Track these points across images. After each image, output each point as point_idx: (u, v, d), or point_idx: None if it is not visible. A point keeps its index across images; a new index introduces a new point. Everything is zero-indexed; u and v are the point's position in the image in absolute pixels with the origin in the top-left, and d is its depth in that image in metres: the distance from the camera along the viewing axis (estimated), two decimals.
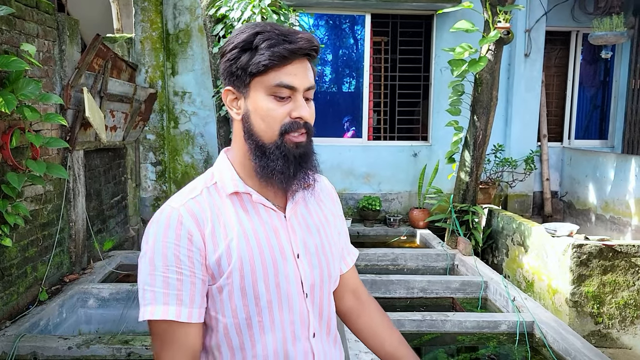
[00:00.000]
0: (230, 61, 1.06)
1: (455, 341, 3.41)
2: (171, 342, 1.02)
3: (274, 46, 1.02)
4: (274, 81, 1.04)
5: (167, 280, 1.00)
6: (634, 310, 4.08)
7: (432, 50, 6.63)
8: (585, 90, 7.26)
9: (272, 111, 1.05)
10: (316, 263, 1.15)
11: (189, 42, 6.17)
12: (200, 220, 1.04)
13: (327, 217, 1.23)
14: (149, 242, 1.03)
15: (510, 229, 5.10)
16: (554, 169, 6.98)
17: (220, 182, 1.11)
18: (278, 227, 1.11)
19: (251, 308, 1.05)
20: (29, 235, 3.65)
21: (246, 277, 1.04)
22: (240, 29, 1.07)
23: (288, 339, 1.09)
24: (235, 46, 1.05)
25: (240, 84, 1.07)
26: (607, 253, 4.02)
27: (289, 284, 1.09)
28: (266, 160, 1.06)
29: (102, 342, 3.02)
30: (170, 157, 6.29)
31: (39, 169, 3.11)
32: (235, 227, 1.06)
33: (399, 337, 1.33)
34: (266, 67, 1.03)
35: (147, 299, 1.01)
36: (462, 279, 4.35)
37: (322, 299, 1.17)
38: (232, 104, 1.10)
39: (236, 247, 1.05)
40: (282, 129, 1.05)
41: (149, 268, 1.01)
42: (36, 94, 3.13)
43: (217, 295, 1.05)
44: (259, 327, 1.07)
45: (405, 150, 6.69)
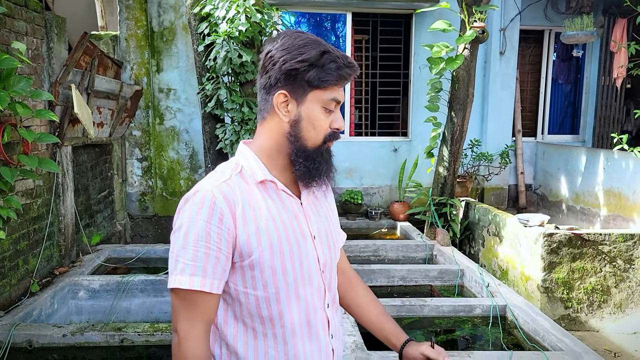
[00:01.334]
0: (297, 71, 1.19)
1: (432, 324, 3.60)
2: (192, 308, 1.15)
3: (339, 69, 1.19)
4: (330, 96, 1.21)
5: (196, 254, 1.14)
6: (600, 295, 4.32)
7: (411, 48, 6.82)
8: (558, 87, 7.53)
9: (322, 121, 1.22)
10: (326, 244, 1.32)
11: (173, 40, 6.26)
12: (232, 201, 1.17)
13: (331, 206, 1.42)
14: (184, 218, 1.16)
15: (486, 221, 5.32)
16: (528, 163, 7.24)
17: (248, 170, 1.24)
18: (297, 213, 1.27)
19: (280, 284, 1.20)
20: (20, 228, 3.74)
21: (275, 256, 1.19)
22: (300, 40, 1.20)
23: (310, 309, 1.26)
24: (304, 60, 1.18)
25: (299, 92, 1.21)
26: (576, 241, 4.25)
27: (309, 262, 1.25)
28: (313, 163, 1.23)
29: (95, 330, 3.14)
30: (156, 153, 6.38)
31: (31, 164, 3.21)
32: (263, 211, 1.20)
33: (382, 309, 1.50)
34: (330, 84, 1.20)
35: (177, 269, 1.15)
36: (440, 267, 4.55)
37: (331, 276, 1.34)
38: (281, 106, 1.22)
39: (265, 229, 1.19)
40: (326, 137, 1.24)
41: (182, 241, 1.15)
42: (27, 91, 3.22)
43: (249, 271, 1.19)
44: (287, 300, 1.22)
45: (386, 146, 6.88)
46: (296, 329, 1.23)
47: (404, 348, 1.43)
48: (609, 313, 4.35)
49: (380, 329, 1.48)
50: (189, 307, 1.16)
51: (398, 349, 1.44)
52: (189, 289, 1.13)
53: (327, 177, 1.27)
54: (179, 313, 1.16)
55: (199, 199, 1.16)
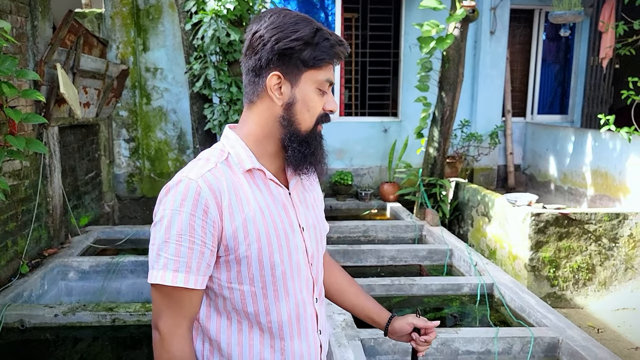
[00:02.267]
0: (292, 50, 1.11)
1: (421, 303, 3.65)
2: (175, 305, 1.10)
3: (333, 47, 1.14)
4: (324, 76, 1.15)
5: (179, 249, 1.06)
6: (586, 273, 4.41)
7: (401, 27, 6.78)
8: (547, 67, 7.55)
9: (316, 103, 1.16)
10: (313, 235, 1.27)
11: (159, 18, 6.16)
12: (218, 192, 1.09)
13: (318, 196, 1.37)
14: (166, 209, 1.08)
15: (475, 201, 5.37)
16: (518, 143, 7.28)
17: (235, 157, 1.17)
18: (286, 203, 1.21)
19: (267, 278, 1.14)
20: (8, 210, 3.71)
21: (264, 250, 1.13)
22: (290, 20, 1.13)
23: (300, 304, 1.21)
24: (299, 37, 1.11)
25: (292, 72, 1.13)
26: (562, 221, 4.31)
27: (298, 255, 1.20)
28: (308, 148, 1.18)
29: (87, 310, 3.15)
30: (144, 133, 6.33)
31: (19, 144, 3.16)
32: (251, 202, 1.14)
33: (361, 290, 1.50)
34: (324, 62, 1.14)
35: (160, 263, 1.07)
36: (429, 247, 4.59)
37: (318, 268, 1.30)
38: (276, 89, 1.15)
39: (253, 221, 1.12)
40: (318, 119, 1.18)
41: (164, 235, 1.07)
42: (13, 70, 3.16)
43: (235, 266, 1.13)
44: (274, 294, 1.16)
45: (376, 126, 6.88)
46: (284, 325, 1.19)
47: (389, 324, 1.43)
48: (593, 290, 4.44)
49: (362, 310, 1.48)
50: (172, 303, 1.10)
51: (383, 326, 1.45)
52: (172, 285, 1.07)
53: (322, 162, 1.22)
54: (162, 310, 1.10)
55: (182, 189, 1.08)
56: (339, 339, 2.72)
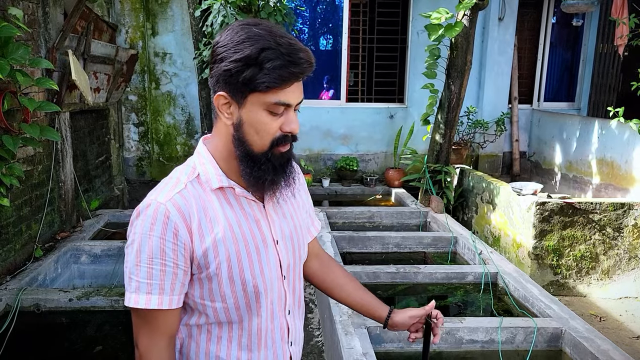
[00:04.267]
0: (231, 72, 1.06)
1: (426, 291, 3.72)
2: (152, 326, 1.12)
3: (279, 68, 1.04)
4: (273, 99, 1.07)
5: (151, 272, 1.08)
6: (589, 262, 4.46)
7: (409, 12, 6.74)
8: (555, 54, 7.51)
9: (266, 125, 1.09)
10: (290, 246, 1.26)
11: (168, 3, 6.16)
12: (187, 215, 1.10)
13: (297, 202, 1.33)
14: (137, 234, 1.09)
15: (480, 188, 5.41)
16: (523, 130, 7.29)
17: (204, 176, 1.15)
18: (259, 218, 1.20)
19: (239, 294, 1.15)
20: (22, 195, 3.79)
21: (234, 267, 1.13)
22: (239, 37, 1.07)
23: (268, 317, 1.22)
24: (239, 59, 1.05)
25: (237, 94, 1.08)
26: (567, 210, 4.35)
27: (270, 270, 1.20)
28: (257, 170, 1.12)
29: (100, 294, 3.24)
30: (152, 118, 6.37)
31: (33, 132, 3.23)
32: (221, 220, 1.13)
33: (360, 286, 1.52)
34: (268, 88, 1.06)
35: (132, 287, 1.09)
36: (434, 234, 4.65)
37: (294, 278, 1.30)
38: (223, 108, 1.12)
39: (222, 239, 1.12)
40: (273, 142, 1.11)
41: (135, 259, 1.08)
42: (26, 59, 3.21)
43: (206, 283, 1.14)
44: (247, 309, 1.18)
45: (382, 112, 6.90)
46: (253, 337, 1.21)
47: (388, 318, 1.46)
48: (596, 279, 4.50)
49: (361, 305, 1.50)
50: (148, 324, 1.12)
51: (383, 319, 1.47)
52: (145, 308, 1.09)
53: (276, 185, 1.15)
54: (139, 329, 1.13)
55: (151, 213, 1.08)
56: (346, 327, 2.79)
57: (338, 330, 2.77)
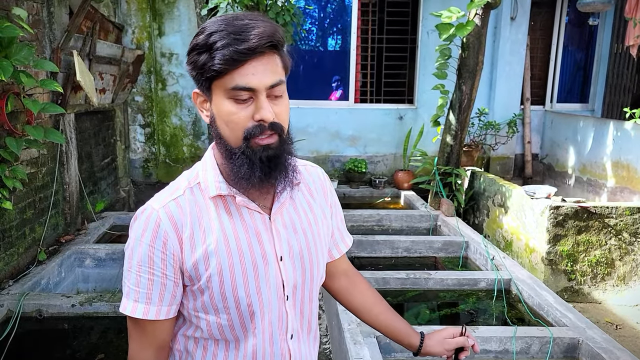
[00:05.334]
0: (191, 64, 1.02)
1: (437, 297, 3.62)
2: (140, 334, 1.08)
3: (224, 47, 0.96)
4: (230, 84, 0.99)
5: (139, 279, 1.04)
6: (604, 268, 4.34)
7: (419, 12, 6.64)
8: (568, 54, 7.37)
9: (233, 115, 1.01)
10: (299, 264, 1.15)
11: (175, 2, 6.10)
12: (179, 223, 1.04)
13: (316, 217, 1.21)
14: (130, 239, 1.06)
15: (491, 191, 5.30)
16: (536, 131, 7.15)
17: (203, 182, 1.09)
18: (261, 230, 1.10)
19: (232, 312, 1.07)
20: (26, 197, 3.73)
21: (226, 283, 1.05)
22: (204, 27, 1.02)
23: (266, 340, 1.12)
24: (192, 49, 1.02)
25: (203, 87, 1.04)
26: (582, 214, 4.24)
27: (269, 289, 1.10)
28: (233, 165, 1.04)
29: (103, 300, 3.17)
30: (159, 119, 6.32)
31: (37, 135, 3.17)
32: (215, 231, 1.06)
33: (387, 306, 1.43)
34: (219, 72, 0.98)
35: (124, 291, 1.07)
36: (445, 239, 4.55)
37: (303, 299, 1.18)
38: (202, 106, 1.08)
39: (214, 252, 1.05)
40: (246, 133, 1.01)
41: (127, 264, 1.06)
42: (30, 60, 3.15)
43: (199, 296, 1.07)
44: (241, 327, 1.09)
45: (391, 113, 6.80)
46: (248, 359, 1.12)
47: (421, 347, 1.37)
48: (612, 285, 4.38)
49: (390, 330, 1.41)
50: (137, 331, 1.09)
51: (415, 347, 1.39)
52: (131, 315, 1.05)
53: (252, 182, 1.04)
54: (130, 335, 1.10)
55: (144, 219, 1.05)
56: (354, 335, 2.71)
57: (346, 339, 2.68)
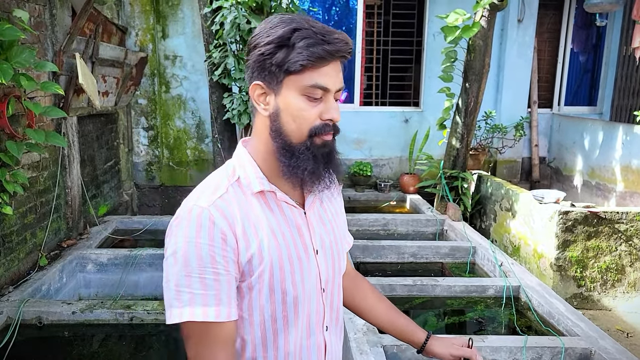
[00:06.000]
0: (264, 56, 1.02)
1: (444, 305, 3.55)
2: (211, 341, 1.01)
3: (312, 46, 0.99)
4: (309, 82, 1.01)
5: (205, 282, 0.98)
6: (615, 274, 4.26)
7: (425, 14, 6.58)
8: (576, 56, 7.29)
9: (303, 111, 1.03)
10: (330, 257, 1.17)
11: (179, 5, 6.06)
12: (231, 220, 1.02)
13: (337, 212, 1.26)
14: (179, 242, 0.99)
15: (498, 195, 5.22)
16: (543, 135, 7.07)
17: (244, 179, 1.09)
18: (300, 225, 1.12)
19: (278, 305, 1.07)
20: (27, 202, 3.68)
21: (275, 276, 1.05)
22: (273, 23, 1.03)
23: (305, 333, 1.13)
24: (271, 41, 1.01)
25: (272, 80, 1.03)
26: (592, 219, 4.16)
27: (310, 281, 1.11)
28: (296, 160, 1.05)
29: (104, 307, 3.12)
30: (162, 122, 6.27)
31: (38, 138, 3.12)
32: (264, 226, 1.06)
33: (389, 305, 1.43)
34: (303, 67, 1.00)
35: (184, 300, 0.98)
36: (451, 244, 4.48)
37: (333, 292, 1.20)
38: (259, 99, 1.07)
39: (267, 246, 1.05)
40: (312, 130, 1.04)
41: (183, 269, 0.98)
42: (31, 62, 3.10)
43: (247, 293, 1.06)
44: (283, 322, 1.09)
45: (397, 116, 6.73)
46: (290, 354, 1.11)
47: (426, 344, 1.37)
48: (622, 292, 4.29)
49: (394, 327, 1.41)
50: (206, 339, 1.00)
51: (419, 345, 1.38)
52: (202, 321, 0.98)
53: (317, 177, 1.07)
54: (196, 346, 1.01)
55: (194, 219, 1.00)
56: (360, 345, 2.64)
57: (352, 348, 2.61)
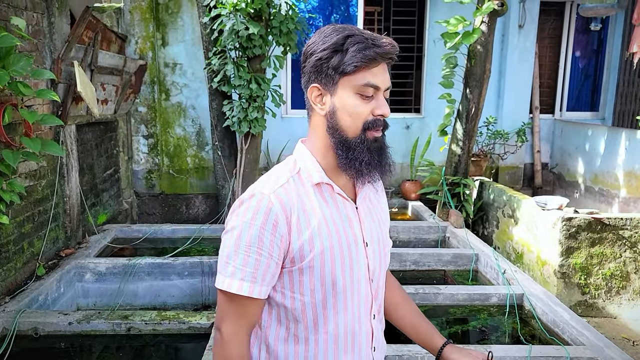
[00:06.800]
0: (321, 60, 1.16)
1: (447, 313, 3.50)
2: (239, 312, 1.17)
3: (365, 49, 1.12)
4: (362, 81, 1.14)
5: (247, 259, 1.13)
6: (619, 281, 4.20)
7: (425, 21, 6.56)
8: (577, 61, 7.26)
9: (358, 107, 1.15)
10: (377, 250, 1.28)
11: (179, 12, 6.05)
12: (288, 208, 1.14)
13: (383, 208, 1.37)
14: (238, 221, 1.15)
15: (500, 202, 5.17)
16: (545, 140, 7.03)
17: (305, 171, 1.21)
18: (352, 217, 1.23)
19: (328, 291, 1.17)
20: (24, 211, 3.65)
21: (326, 263, 1.16)
22: (326, 32, 1.17)
23: (355, 319, 1.22)
24: (327, 47, 1.15)
25: (329, 82, 1.16)
26: (595, 226, 4.10)
27: (359, 270, 1.21)
28: (353, 153, 1.16)
29: (101, 318, 3.07)
30: (162, 129, 6.25)
31: (34, 147, 3.09)
32: (318, 215, 1.17)
33: (416, 309, 1.48)
34: (356, 68, 1.12)
35: (227, 272, 1.14)
36: (454, 251, 4.43)
37: (379, 284, 1.30)
38: (317, 100, 1.19)
39: (318, 235, 1.16)
40: (365, 125, 1.16)
41: (234, 245, 1.14)
42: (28, 70, 3.08)
43: (298, 277, 1.17)
44: (333, 308, 1.19)
45: (398, 123, 6.70)
46: (340, 339, 1.21)
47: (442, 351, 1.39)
48: (627, 299, 4.23)
49: (415, 331, 1.45)
50: (236, 310, 1.17)
51: (435, 351, 1.41)
52: (237, 293, 1.14)
53: (372, 168, 1.18)
54: (226, 314, 1.18)
55: (255, 203, 1.14)
56: None
57: None
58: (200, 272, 4.09)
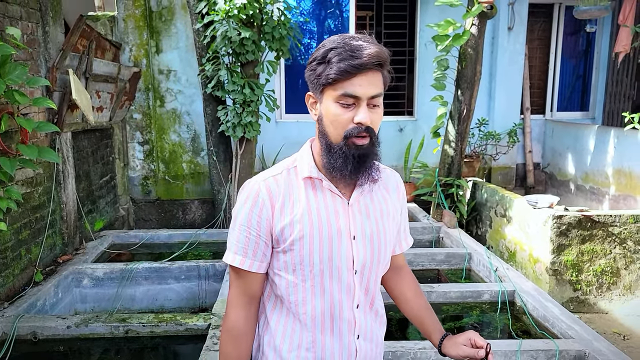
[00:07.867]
0: (310, 71, 1.28)
1: (440, 311, 3.55)
2: (238, 281, 1.36)
3: (341, 62, 1.20)
4: (340, 91, 1.22)
5: (240, 236, 1.32)
6: (610, 277, 4.27)
7: (416, 24, 6.65)
8: (567, 62, 7.35)
9: (338, 116, 1.24)
10: (369, 246, 1.35)
11: (172, 20, 6.11)
12: (274, 195, 1.30)
13: (388, 210, 1.42)
14: (237, 205, 1.34)
15: (493, 201, 5.24)
16: (537, 141, 7.11)
17: (299, 166, 1.35)
18: (339, 211, 1.33)
19: (306, 272, 1.30)
20: (21, 218, 3.69)
21: (305, 247, 1.29)
22: (323, 44, 1.27)
23: (335, 305, 1.33)
24: (314, 59, 1.26)
25: (317, 91, 1.28)
26: (585, 223, 4.17)
27: (340, 260, 1.31)
28: (330, 157, 1.27)
29: (100, 321, 3.11)
30: (158, 136, 6.30)
31: (31, 154, 3.13)
32: (302, 204, 1.30)
33: (424, 304, 1.55)
34: (333, 80, 1.21)
35: (229, 247, 1.34)
36: (447, 251, 4.49)
37: (369, 278, 1.37)
38: (312, 106, 1.33)
39: (299, 221, 1.28)
40: (346, 133, 1.24)
41: (233, 223, 1.34)
42: (23, 78, 3.13)
43: (282, 256, 1.32)
44: (311, 290, 1.31)
45: (391, 126, 6.77)
46: (317, 319, 1.32)
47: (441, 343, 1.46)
48: (618, 295, 4.30)
49: (421, 323, 1.53)
50: (236, 279, 1.36)
51: (437, 344, 1.48)
52: (232, 264, 1.33)
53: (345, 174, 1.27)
54: (231, 283, 1.38)
55: (248, 189, 1.32)
56: None
57: None
58: (197, 276, 4.14)
